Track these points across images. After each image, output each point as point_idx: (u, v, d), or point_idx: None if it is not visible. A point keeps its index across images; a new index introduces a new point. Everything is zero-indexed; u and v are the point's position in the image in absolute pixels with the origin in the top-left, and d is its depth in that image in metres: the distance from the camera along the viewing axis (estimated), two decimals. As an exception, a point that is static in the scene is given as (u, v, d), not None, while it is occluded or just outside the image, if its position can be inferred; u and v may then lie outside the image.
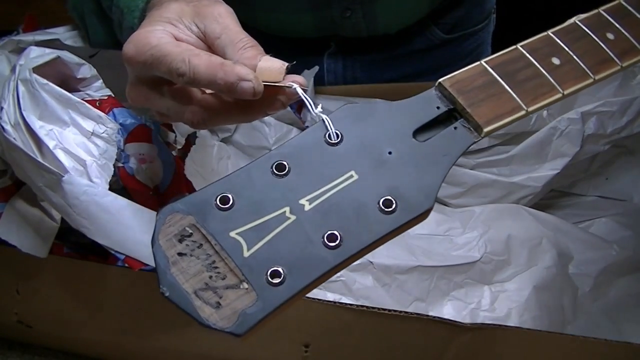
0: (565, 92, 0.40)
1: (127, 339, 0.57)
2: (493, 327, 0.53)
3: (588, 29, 0.43)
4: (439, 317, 0.53)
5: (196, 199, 0.32)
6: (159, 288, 0.30)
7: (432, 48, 0.78)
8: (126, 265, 0.51)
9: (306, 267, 0.31)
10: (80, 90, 0.57)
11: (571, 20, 0.44)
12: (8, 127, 0.50)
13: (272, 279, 0.30)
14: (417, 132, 0.36)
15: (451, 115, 0.38)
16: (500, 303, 0.62)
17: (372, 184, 0.33)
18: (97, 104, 0.56)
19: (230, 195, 0.32)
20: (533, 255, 0.64)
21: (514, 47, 0.41)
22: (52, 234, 0.53)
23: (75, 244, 0.59)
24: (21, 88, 0.51)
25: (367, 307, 0.53)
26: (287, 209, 0.32)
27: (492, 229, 0.65)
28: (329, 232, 0.31)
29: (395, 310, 0.53)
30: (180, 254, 0.31)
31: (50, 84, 0.52)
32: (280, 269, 0.30)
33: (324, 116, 0.35)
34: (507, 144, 0.73)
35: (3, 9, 0.85)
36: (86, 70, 0.57)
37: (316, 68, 0.68)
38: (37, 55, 0.54)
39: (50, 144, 0.51)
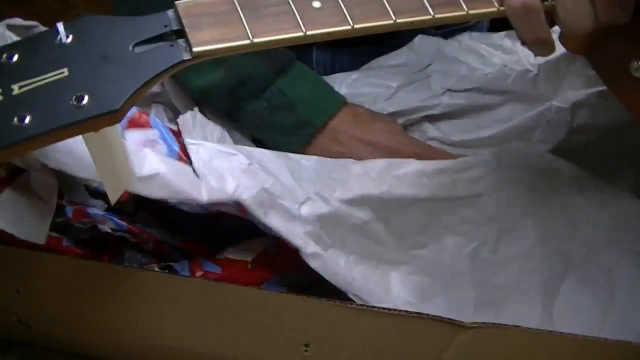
0: (308, 33, 0.41)
1: (127, 339, 0.57)
2: (493, 327, 0.53)
3: None
4: (438, 317, 0.53)
5: None
6: None
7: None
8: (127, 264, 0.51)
9: None
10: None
11: None
12: None
13: None
14: (139, 45, 0.38)
15: (179, 35, 0.39)
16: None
17: (75, 82, 0.36)
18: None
19: None
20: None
21: None
22: (48, 219, 0.53)
23: (74, 240, 0.59)
24: None
25: (367, 306, 0.53)
26: None
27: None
28: (24, 114, 0.35)
29: (395, 310, 0.53)
30: None
31: None
32: None
33: (58, 24, 0.38)
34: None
35: (3, 9, 0.85)
36: None
37: None
38: None
39: None
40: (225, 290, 0.54)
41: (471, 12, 0.44)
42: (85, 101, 0.36)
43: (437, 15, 0.43)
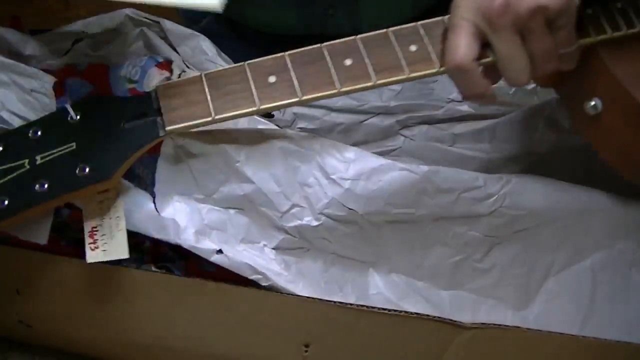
0: (261, 107, 0.47)
1: (127, 339, 0.57)
2: (493, 327, 0.53)
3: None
4: (438, 317, 0.53)
5: None
6: None
7: None
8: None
9: (21, 200, 0.43)
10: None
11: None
12: None
13: None
14: (129, 121, 0.46)
15: (159, 113, 0.46)
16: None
17: (80, 154, 0.45)
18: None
19: None
20: None
21: (240, 64, 0.48)
22: (49, 219, 0.53)
23: (73, 239, 0.59)
24: None
25: (367, 306, 0.53)
26: (26, 160, 0.44)
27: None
28: (44, 182, 0.43)
29: (395, 310, 0.53)
30: None
31: None
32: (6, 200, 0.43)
33: (67, 105, 0.46)
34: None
35: (2, 9, 0.85)
36: (34, 47, 0.58)
37: None
38: None
39: None
40: (225, 290, 0.54)
41: (412, 75, 0.49)
42: (87, 171, 0.44)
43: (378, 81, 0.48)
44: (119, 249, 0.50)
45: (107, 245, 0.50)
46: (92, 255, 0.50)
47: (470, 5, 0.48)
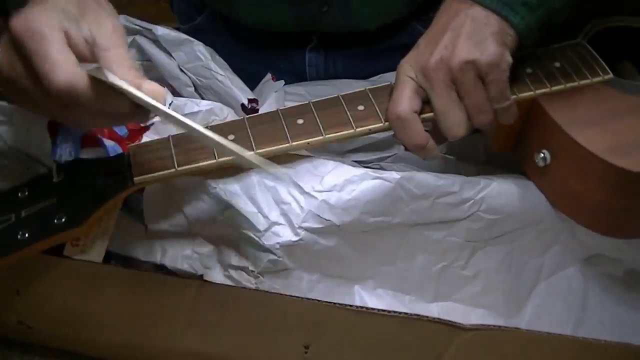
0: (219, 160, 0.52)
1: (127, 339, 0.57)
2: (493, 329, 0.53)
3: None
4: (438, 319, 0.53)
5: None
6: None
7: (414, 43, 0.77)
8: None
9: (6, 247, 0.49)
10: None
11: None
12: None
13: None
14: (101, 177, 0.52)
15: (130, 170, 0.52)
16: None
17: (59, 207, 0.51)
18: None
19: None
20: None
21: (205, 126, 0.53)
22: None
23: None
24: None
25: (366, 307, 0.53)
26: (13, 215, 0.51)
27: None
28: (25, 231, 0.50)
29: (395, 311, 0.53)
30: None
31: None
32: None
33: (54, 165, 0.52)
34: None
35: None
36: None
37: (281, 82, 0.69)
38: None
39: None
40: (225, 290, 0.54)
41: (358, 129, 0.53)
42: (63, 220, 0.50)
43: (327, 136, 0.53)
44: (95, 256, 0.55)
45: (86, 248, 0.55)
46: (70, 250, 0.55)
47: (413, 64, 0.53)
